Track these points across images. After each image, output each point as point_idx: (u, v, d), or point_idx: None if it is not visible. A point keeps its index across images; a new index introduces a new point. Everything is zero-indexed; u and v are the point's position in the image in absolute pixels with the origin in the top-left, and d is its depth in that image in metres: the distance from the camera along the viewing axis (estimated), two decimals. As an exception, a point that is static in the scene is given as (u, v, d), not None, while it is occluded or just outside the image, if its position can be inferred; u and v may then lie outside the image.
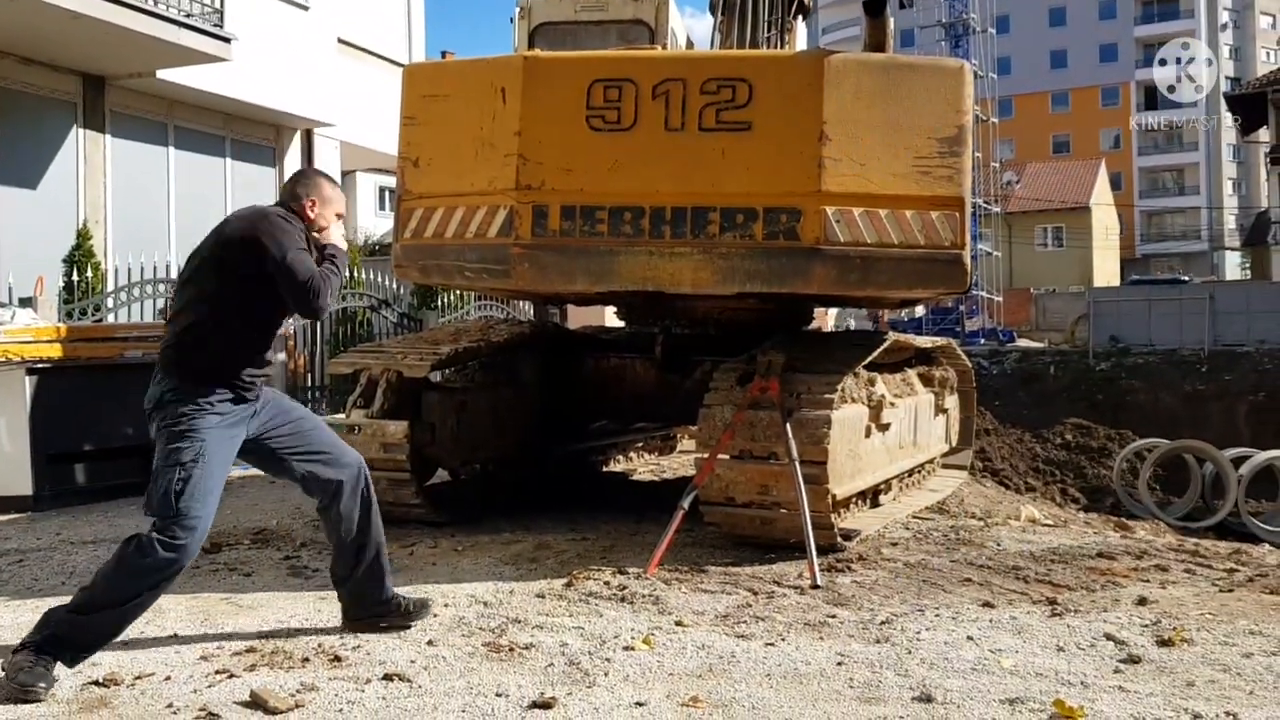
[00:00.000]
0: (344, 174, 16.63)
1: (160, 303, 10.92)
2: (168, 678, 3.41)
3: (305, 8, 14.49)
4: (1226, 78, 68.16)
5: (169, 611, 4.24)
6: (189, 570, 5.01)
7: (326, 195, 3.83)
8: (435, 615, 4.05)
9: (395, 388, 5.90)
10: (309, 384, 12.22)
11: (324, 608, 4.26)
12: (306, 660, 3.57)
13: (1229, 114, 51.18)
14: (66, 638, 3.33)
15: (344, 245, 3.87)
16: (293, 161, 15.09)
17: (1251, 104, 43.30)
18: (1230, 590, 4.69)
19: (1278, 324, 26.02)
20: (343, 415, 6.01)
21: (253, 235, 3.54)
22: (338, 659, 3.57)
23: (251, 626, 4.03)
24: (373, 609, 3.92)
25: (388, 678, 3.37)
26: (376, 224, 25.35)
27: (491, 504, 6.59)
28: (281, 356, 11.57)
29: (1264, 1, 74.61)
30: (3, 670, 3.27)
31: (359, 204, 24.23)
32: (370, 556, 3.85)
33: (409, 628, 3.92)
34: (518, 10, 8.32)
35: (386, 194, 26.67)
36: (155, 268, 10.81)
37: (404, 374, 5.91)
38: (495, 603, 4.33)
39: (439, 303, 14.47)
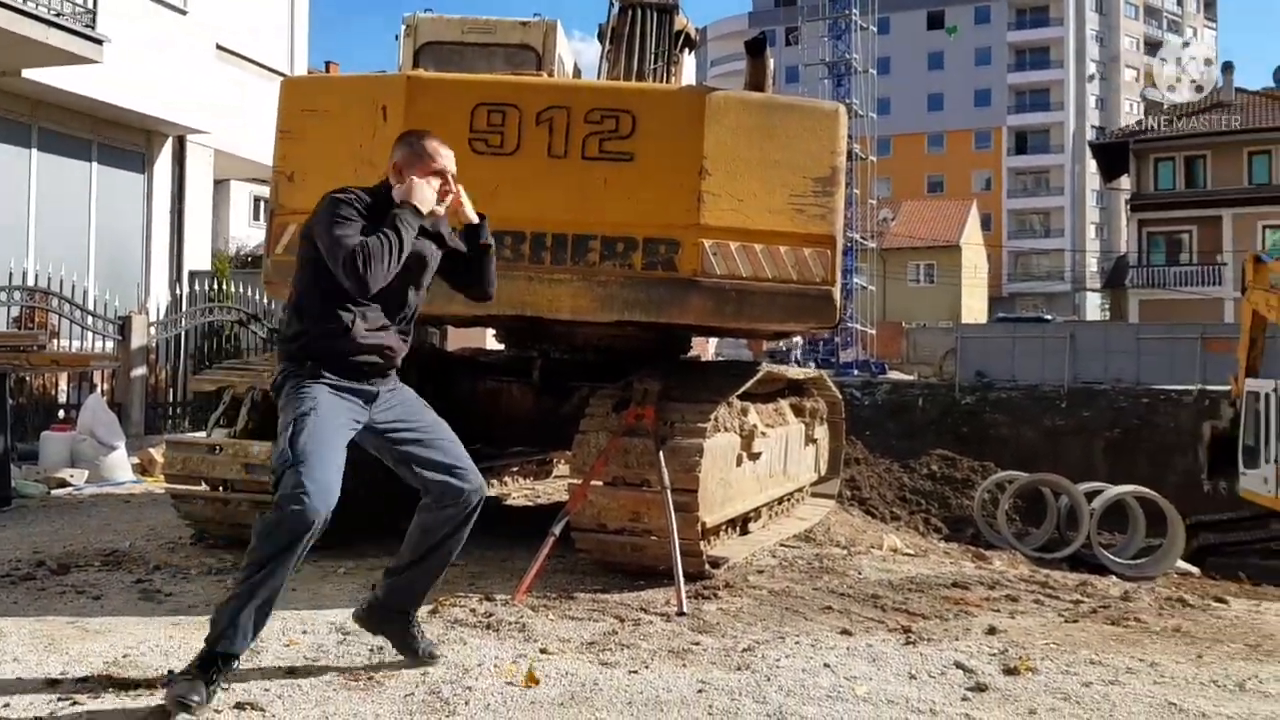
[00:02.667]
0: (217, 183, 16.19)
1: (15, 310, 10.43)
2: (7, 705, 3.25)
3: (183, 12, 14.10)
4: (1092, 126, 71.86)
5: (10, 635, 4.04)
6: (32, 592, 4.82)
7: (411, 152, 3.61)
8: (428, 671, 3.71)
9: (261, 407, 5.76)
10: (170, 400, 11.81)
11: (176, 633, 4.12)
12: (156, 688, 3.44)
13: (1093, 161, 54.01)
14: (226, 627, 3.24)
15: (422, 202, 3.52)
16: (163, 169, 14.63)
17: (1114, 152, 45.82)
18: (1075, 621, 4.92)
19: (1133, 364, 27.38)
20: (204, 434, 5.84)
21: (312, 219, 3.49)
22: (188, 688, 3.44)
23: (100, 652, 3.86)
24: (392, 615, 3.78)
25: (240, 706, 3.27)
26: (250, 234, 24.70)
27: (358, 528, 6.46)
28: (141, 372, 11.16)
29: (1129, 56, 78.95)
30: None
31: (231, 214, 23.56)
32: (426, 566, 3.77)
33: (414, 659, 3.74)
34: (403, 28, 8.26)
35: (261, 204, 26.00)
36: (12, 274, 10.33)
37: (270, 392, 5.76)
38: (356, 631, 4.22)
39: (314, 319, 14.15)
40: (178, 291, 12.73)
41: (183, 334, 12.03)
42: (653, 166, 5.45)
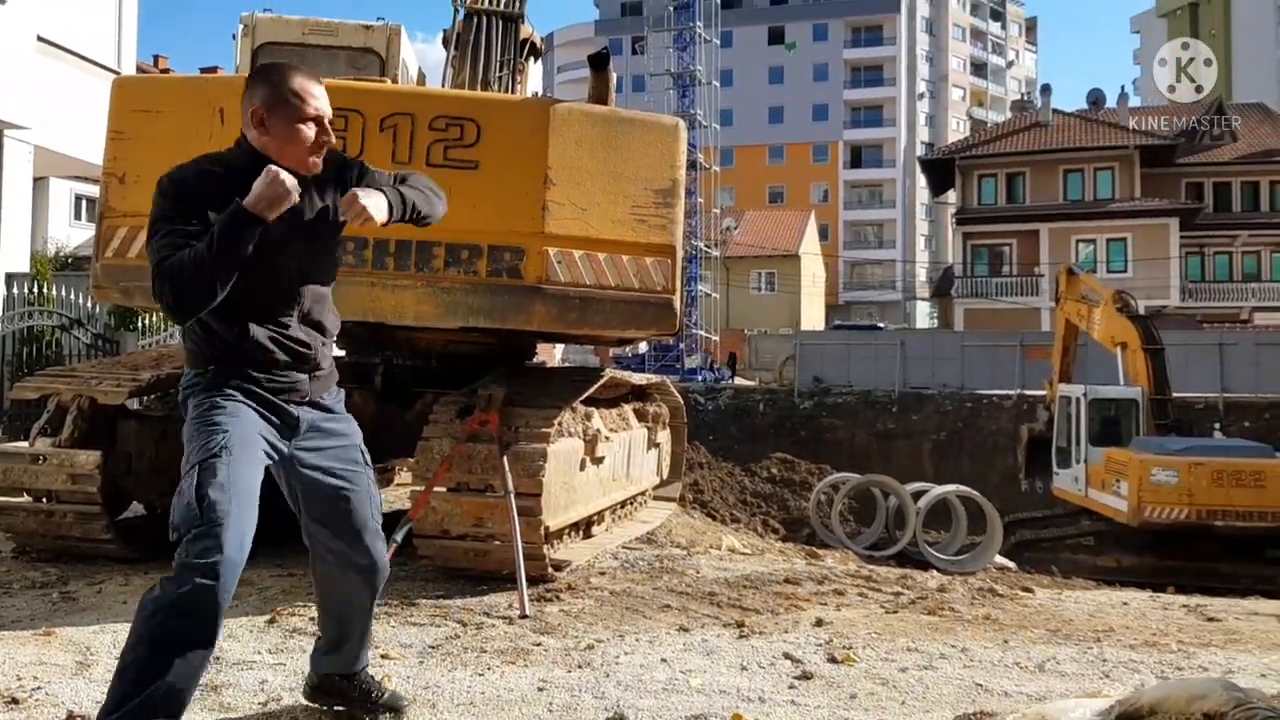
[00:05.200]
0: (36, 180, 15.35)
1: None
2: None
3: (1, 1, 13.35)
4: (922, 143, 75.19)
5: None
6: None
7: (274, 94, 2.87)
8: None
9: (87, 415, 5.56)
10: (-13, 407, 11.18)
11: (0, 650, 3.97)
12: (-22, 706, 3.33)
13: (923, 176, 56.57)
14: None
15: (270, 205, 2.72)
16: (-22, 164, 13.82)
17: (942, 168, 48.11)
18: (895, 612, 5.23)
19: (958, 370, 28.75)
20: (25, 443, 5.60)
21: None
22: (15, 701, 3.35)
23: (-91, 673, 3.69)
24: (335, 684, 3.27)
25: (70, 718, 3.19)
26: (71, 234, 23.48)
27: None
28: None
29: (956, 76, 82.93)
30: None
31: (51, 213, 22.34)
32: (354, 634, 3.24)
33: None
34: (241, 27, 8.07)
35: (84, 203, 24.76)
36: None
37: (98, 401, 5.58)
38: (193, 640, 4.16)
39: (139, 324, 13.63)
40: (-7, 294, 12.07)
41: (0, 340, 11.40)
42: (498, 175, 5.52)
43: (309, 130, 2.90)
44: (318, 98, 2.93)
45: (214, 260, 2.67)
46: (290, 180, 2.75)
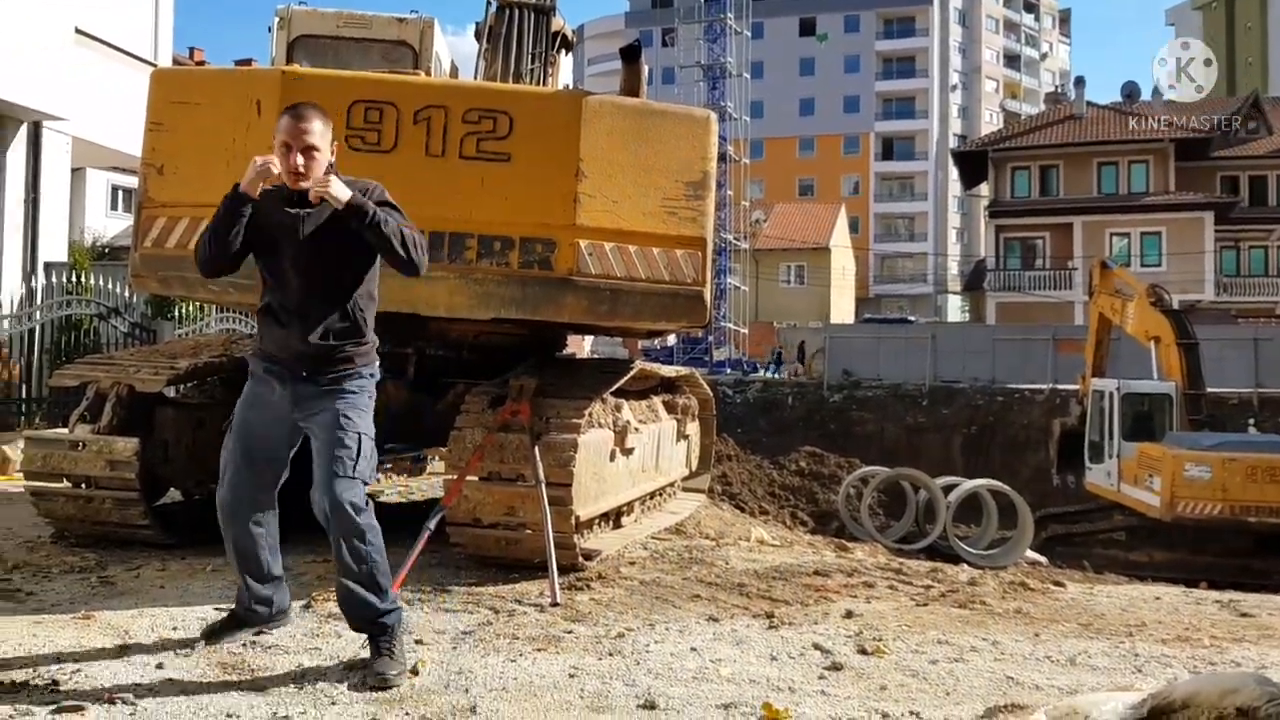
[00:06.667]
0: (74, 170, 15.53)
1: None
2: None
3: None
4: (955, 135, 74.60)
5: None
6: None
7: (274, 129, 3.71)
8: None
9: (126, 402, 5.64)
10: (24, 395, 11.34)
11: (40, 632, 4.05)
12: (21, 686, 3.39)
13: (955, 168, 56.16)
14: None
15: (243, 182, 3.57)
16: (16, 155, 14.00)
17: (974, 160, 47.75)
18: (925, 604, 5.22)
19: (989, 364, 28.55)
20: (64, 430, 5.69)
21: None
22: (55, 683, 3.41)
23: (-44, 654, 3.77)
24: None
25: (111, 701, 3.26)
26: (108, 225, 23.78)
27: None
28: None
29: (989, 68, 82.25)
30: None
31: (89, 203, 22.61)
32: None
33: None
34: (276, 20, 8.15)
35: (120, 194, 25.05)
36: None
37: (137, 388, 5.67)
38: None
39: (176, 313, 13.79)
40: (33, 284, 12.22)
41: (38, 328, 11.57)
42: (529, 167, 5.54)
43: (283, 154, 3.59)
44: (293, 131, 3.59)
45: (213, 228, 3.64)
46: (263, 160, 3.54)
